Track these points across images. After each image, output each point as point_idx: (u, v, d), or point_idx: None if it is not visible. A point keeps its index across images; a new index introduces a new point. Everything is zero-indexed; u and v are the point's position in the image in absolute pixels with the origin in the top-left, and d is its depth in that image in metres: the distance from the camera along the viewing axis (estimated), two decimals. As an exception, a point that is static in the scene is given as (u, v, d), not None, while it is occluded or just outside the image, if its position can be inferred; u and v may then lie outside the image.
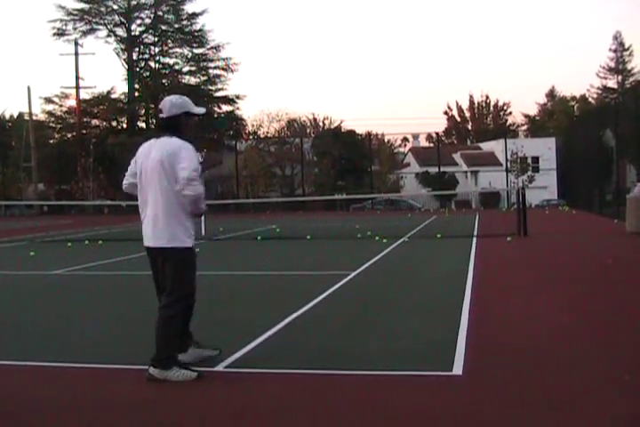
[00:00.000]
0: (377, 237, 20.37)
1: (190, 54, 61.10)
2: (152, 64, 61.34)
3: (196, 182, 5.67)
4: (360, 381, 5.73)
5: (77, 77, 54.54)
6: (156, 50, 61.03)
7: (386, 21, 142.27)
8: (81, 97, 56.06)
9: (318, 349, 6.85)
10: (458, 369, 5.88)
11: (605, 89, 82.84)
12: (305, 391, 5.47)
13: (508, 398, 5.15)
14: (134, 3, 58.90)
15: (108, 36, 59.73)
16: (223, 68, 60.96)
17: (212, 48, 60.67)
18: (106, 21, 59.40)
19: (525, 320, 8.10)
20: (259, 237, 22.18)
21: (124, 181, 6.19)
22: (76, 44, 55.30)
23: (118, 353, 6.77)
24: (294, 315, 8.48)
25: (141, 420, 4.92)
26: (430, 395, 5.29)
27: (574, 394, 5.19)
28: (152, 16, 59.70)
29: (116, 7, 58.96)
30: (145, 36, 60.47)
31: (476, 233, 22.66)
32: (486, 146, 71.65)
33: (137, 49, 60.15)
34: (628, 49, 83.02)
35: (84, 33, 58.90)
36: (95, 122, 60.73)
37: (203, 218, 24.03)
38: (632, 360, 6.15)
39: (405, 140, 77.44)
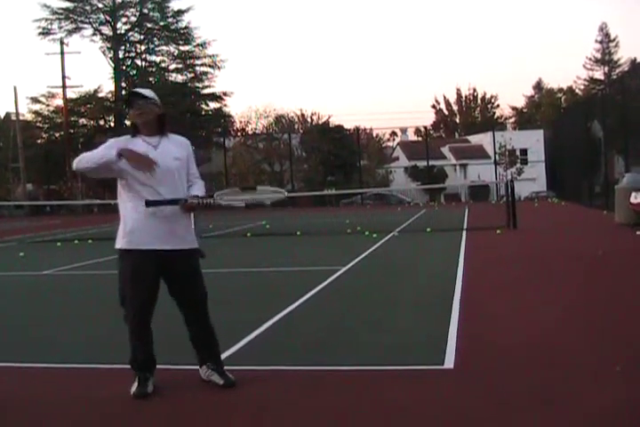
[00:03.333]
0: (367, 232, 20.37)
1: (176, 52, 61.08)
2: (138, 62, 61.25)
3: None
4: (351, 376, 5.72)
5: (64, 77, 54.32)
6: (142, 48, 60.92)
7: (373, 16, 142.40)
8: (68, 96, 55.82)
9: (309, 345, 6.85)
10: (449, 363, 5.88)
11: (592, 80, 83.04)
12: (296, 388, 5.46)
13: (501, 391, 5.15)
14: (119, 1, 58.76)
15: (94, 34, 59.64)
16: (210, 66, 60.96)
17: (198, 45, 60.66)
18: (91, 20, 59.27)
19: (516, 314, 8.11)
20: (248, 234, 22.16)
21: None
22: (62, 43, 55.06)
23: (108, 352, 6.75)
24: (284, 311, 8.47)
25: (131, 418, 4.91)
26: (422, 389, 5.30)
27: (565, 386, 5.20)
28: (137, 14, 59.59)
29: (101, 5, 58.82)
30: (131, 34, 60.36)
31: (465, 226, 22.68)
32: (474, 139, 71.74)
33: (123, 47, 60.05)
34: (613, 40, 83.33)
35: (70, 32, 58.77)
36: (82, 121, 60.50)
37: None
38: (623, 352, 6.16)
39: (394, 134, 77.53)
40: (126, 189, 5.31)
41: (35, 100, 59.46)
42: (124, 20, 59.85)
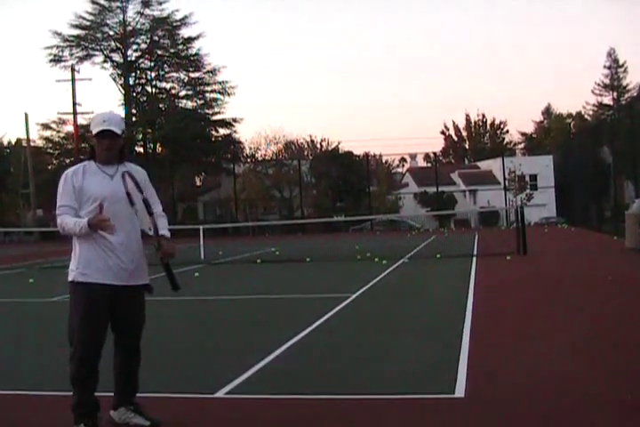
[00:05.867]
0: (376, 259, 20.33)
1: (187, 78, 61.37)
2: (149, 89, 61.60)
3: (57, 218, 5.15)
4: (361, 405, 5.67)
5: (74, 103, 54.66)
6: (153, 74, 61.30)
7: (381, 42, 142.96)
8: (78, 122, 56.11)
9: (319, 373, 6.79)
10: (460, 392, 5.82)
11: (601, 106, 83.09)
12: (307, 416, 5.41)
13: (511, 420, 5.10)
14: (130, 28, 59.25)
15: (105, 61, 60.09)
16: (220, 92, 61.22)
17: (208, 72, 60.99)
18: (102, 47, 59.73)
19: (526, 341, 8.05)
20: (258, 260, 22.13)
21: None
22: (73, 70, 55.48)
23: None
24: (294, 339, 8.42)
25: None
26: (433, 419, 5.24)
27: (577, 416, 5.14)
28: (148, 41, 60.03)
29: (111, 33, 59.34)
30: (141, 61, 60.78)
31: (475, 252, 22.62)
32: (484, 165, 71.80)
33: (133, 74, 60.44)
34: (622, 66, 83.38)
35: (81, 59, 59.19)
36: (93, 147, 60.71)
37: (201, 242, 24.03)
38: (634, 380, 6.10)
39: (403, 160, 77.61)
40: None
41: (45, 126, 59.77)
42: (134, 47, 60.33)
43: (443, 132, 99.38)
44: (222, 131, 61.84)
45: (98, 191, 5.03)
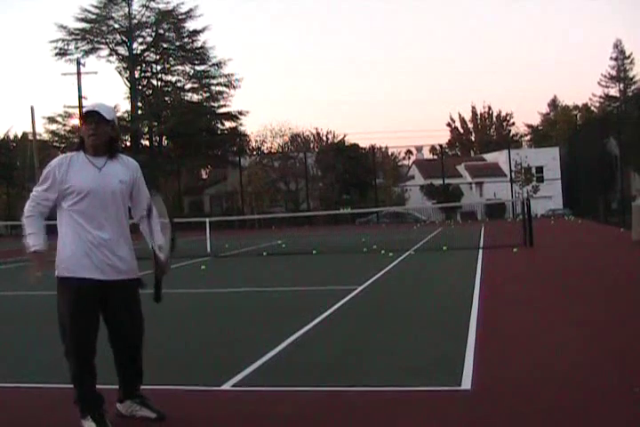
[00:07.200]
0: (383, 251, 20.32)
1: (192, 71, 61.50)
2: (154, 82, 61.67)
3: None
4: (368, 397, 5.66)
5: (80, 96, 54.64)
6: (158, 68, 61.40)
7: (387, 35, 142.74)
8: (84, 116, 56.14)
9: (325, 366, 6.79)
10: (466, 384, 5.81)
11: (607, 97, 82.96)
12: (313, 409, 5.40)
13: (518, 412, 5.08)
14: (135, 21, 59.25)
15: (110, 54, 60.24)
16: (225, 85, 61.23)
17: (213, 65, 61.09)
18: (107, 40, 59.83)
19: (533, 334, 8.03)
20: (264, 253, 22.14)
21: None
22: (79, 63, 55.45)
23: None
24: (300, 331, 8.41)
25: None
26: (439, 410, 5.22)
27: (584, 408, 5.12)
28: (153, 34, 60.12)
29: (117, 26, 59.41)
30: (146, 54, 60.86)
31: (481, 245, 22.60)
32: (490, 157, 71.74)
33: (139, 67, 60.53)
34: (629, 57, 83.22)
35: (86, 52, 59.36)
36: (99, 141, 60.81)
37: (207, 235, 24.03)
38: (642, 372, 6.09)
39: (409, 152, 77.69)
40: (66, 215, 5.00)
41: (51, 119, 59.91)
42: (140, 40, 60.47)
43: (449, 125, 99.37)
44: (228, 124, 61.98)
45: (82, 184, 4.90)
